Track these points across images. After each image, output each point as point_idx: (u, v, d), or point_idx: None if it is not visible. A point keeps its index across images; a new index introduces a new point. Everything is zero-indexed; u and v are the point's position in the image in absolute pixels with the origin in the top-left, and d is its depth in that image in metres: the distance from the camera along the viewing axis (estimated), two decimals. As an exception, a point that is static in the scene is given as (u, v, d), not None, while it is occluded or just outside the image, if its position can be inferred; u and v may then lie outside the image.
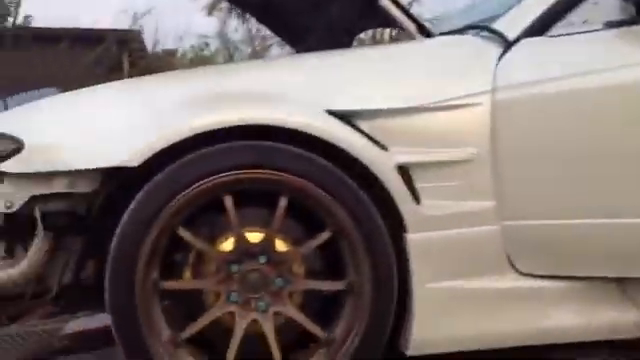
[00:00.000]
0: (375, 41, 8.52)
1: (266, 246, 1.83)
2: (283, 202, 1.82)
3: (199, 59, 11.79)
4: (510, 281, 1.90)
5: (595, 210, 1.89)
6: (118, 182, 1.81)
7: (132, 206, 1.77)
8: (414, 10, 2.13)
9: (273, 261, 1.83)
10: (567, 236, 1.91)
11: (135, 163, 1.76)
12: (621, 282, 1.93)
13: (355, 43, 3.27)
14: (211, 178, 1.79)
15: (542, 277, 1.91)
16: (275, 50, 10.86)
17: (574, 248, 1.92)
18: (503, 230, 1.88)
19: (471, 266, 1.88)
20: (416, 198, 1.85)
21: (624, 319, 1.92)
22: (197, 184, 1.78)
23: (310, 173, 1.81)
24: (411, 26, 2.10)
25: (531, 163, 1.89)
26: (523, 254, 1.90)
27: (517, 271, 1.90)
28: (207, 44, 12.04)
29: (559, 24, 1.98)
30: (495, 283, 1.89)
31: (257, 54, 10.93)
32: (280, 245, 1.85)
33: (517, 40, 1.96)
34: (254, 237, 1.84)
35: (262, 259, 1.83)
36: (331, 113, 1.86)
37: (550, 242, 1.91)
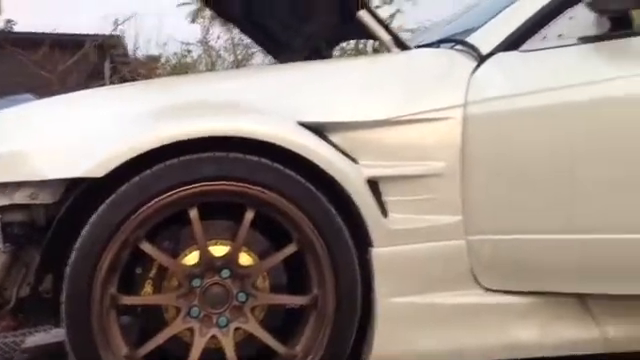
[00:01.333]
0: (358, 50, 8.53)
1: (230, 260, 1.80)
2: (249, 215, 1.79)
3: (182, 66, 11.73)
4: (473, 296, 1.88)
5: (558, 226, 1.88)
6: (80, 193, 1.76)
7: (93, 219, 1.72)
8: (398, 19, 2.09)
9: (236, 275, 1.80)
10: (529, 252, 1.90)
11: (100, 174, 1.71)
12: (582, 298, 1.92)
13: (338, 52, 3.25)
14: (176, 190, 1.74)
15: (505, 293, 1.90)
16: (257, 58, 10.81)
17: (536, 264, 1.90)
18: (468, 245, 1.86)
19: (436, 281, 1.86)
20: (383, 212, 1.82)
21: (585, 335, 1.92)
22: (161, 196, 1.74)
23: (277, 185, 1.77)
24: (387, 38, 2.07)
25: (498, 178, 1.87)
26: (486, 269, 1.88)
27: (481, 286, 1.88)
28: (189, 51, 12.00)
29: (533, 38, 1.97)
30: (459, 298, 1.87)
31: (239, 62, 10.89)
32: (244, 259, 1.82)
33: (491, 54, 1.94)
34: (218, 251, 1.81)
35: (225, 273, 1.79)
36: (302, 125, 1.83)
37: (513, 258, 1.89)
